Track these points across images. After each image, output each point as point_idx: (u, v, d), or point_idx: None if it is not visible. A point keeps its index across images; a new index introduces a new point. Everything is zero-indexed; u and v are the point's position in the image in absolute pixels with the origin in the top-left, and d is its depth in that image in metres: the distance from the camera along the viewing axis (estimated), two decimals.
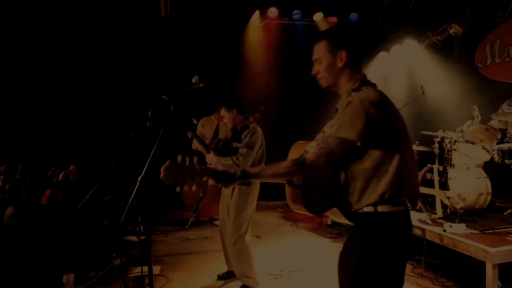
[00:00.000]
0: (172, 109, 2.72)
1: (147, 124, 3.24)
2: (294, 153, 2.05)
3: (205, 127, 5.84)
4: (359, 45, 1.86)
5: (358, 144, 1.64)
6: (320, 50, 1.83)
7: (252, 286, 3.55)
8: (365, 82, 1.79)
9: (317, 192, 1.87)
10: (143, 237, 2.72)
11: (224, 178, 1.63)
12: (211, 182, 1.61)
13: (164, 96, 2.75)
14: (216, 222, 5.96)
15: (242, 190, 3.53)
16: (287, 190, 2.00)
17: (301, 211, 2.02)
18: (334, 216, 2.04)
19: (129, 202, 2.65)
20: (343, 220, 1.89)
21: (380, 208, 1.68)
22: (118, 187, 4.30)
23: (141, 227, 4.39)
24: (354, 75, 1.81)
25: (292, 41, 7.36)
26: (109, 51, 6.50)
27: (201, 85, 2.79)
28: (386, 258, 1.71)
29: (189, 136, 3.78)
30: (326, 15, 7.09)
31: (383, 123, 1.65)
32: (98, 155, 5.89)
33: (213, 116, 5.93)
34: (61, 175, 4.11)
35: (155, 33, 6.71)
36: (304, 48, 7.34)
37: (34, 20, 5.95)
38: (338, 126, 1.66)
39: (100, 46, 6.42)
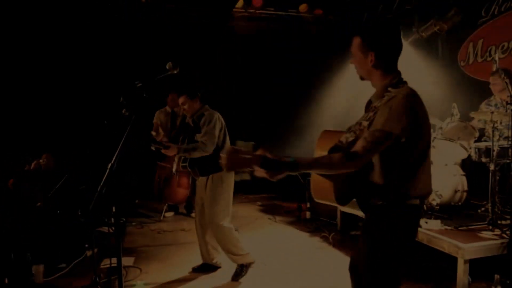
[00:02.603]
0: (145, 95, 2.65)
1: (123, 111, 3.16)
2: (322, 143, 2.00)
3: (158, 119, 5.73)
4: (391, 46, 1.88)
5: (403, 139, 1.71)
6: (354, 45, 1.91)
7: (246, 262, 3.68)
8: (401, 80, 1.86)
9: (345, 184, 1.90)
10: (114, 228, 2.65)
11: (274, 165, 1.59)
12: (258, 171, 1.61)
13: (136, 82, 2.68)
14: (193, 215, 5.91)
15: (215, 179, 3.57)
16: (314, 181, 1.99)
17: (325, 201, 2.01)
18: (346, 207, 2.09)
19: (98, 190, 2.58)
20: (356, 211, 1.95)
21: (408, 201, 1.82)
22: (93, 176, 4.20)
23: (114, 218, 4.29)
24: (387, 73, 1.87)
25: (277, 31, 7.29)
26: (83, 37, 6.24)
27: (175, 71, 2.73)
28: (397, 247, 1.90)
29: (153, 149, 3.70)
30: (311, 7, 7.04)
31: (421, 121, 1.76)
32: (74, 144, 5.73)
33: (166, 107, 5.80)
34: (32, 164, 3.97)
35: (133, 19, 6.51)
36: (288, 39, 7.34)
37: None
38: (384, 120, 1.71)
39: (74, 32, 6.17)
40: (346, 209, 2.13)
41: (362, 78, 1.96)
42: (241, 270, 3.67)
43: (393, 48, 1.89)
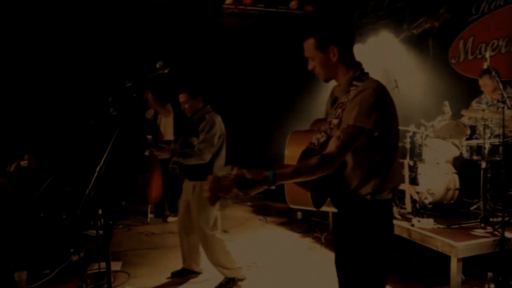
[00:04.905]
0: (134, 95, 2.55)
1: (110, 111, 3.05)
2: (293, 144, 1.91)
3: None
4: (349, 36, 1.84)
5: (375, 134, 1.67)
6: (309, 48, 1.82)
7: (235, 276, 3.52)
8: (363, 72, 1.82)
9: (319, 186, 1.79)
10: (102, 231, 2.56)
11: (249, 184, 1.54)
12: (235, 191, 1.54)
13: (126, 82, 2.58)
14: (169, 219, 5.80)
15: (204, 186, 3.40)
16: (288, 187, 1.85)
17: (301, 206, 1.91)
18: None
19: (86, 193, 2.48)
20: (330, 209, 1.89)
21: (378, 196, 1.76)
22: (78, 177, 4.08)
23: (101, 220, 4.18)
24: (351, 65, 1.82)
25: (266, 28, 7.23)
26: (65, 30, 5.99)
27: (166, 70, 2.64)
28: (381, 243, 1.79)
29: (148, 154, 3.55)
30: (302, 4, 6.99)
31: (391, 115, 1.73)
32: (58, 145, 5.56)
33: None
34: (13, 166, 3.82)
35: (119, 11, 6.33)
36: (279, 36, 7.28)
37: None
38: (355, 115, 1.65)
39: (55, 24, 5.90)
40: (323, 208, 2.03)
41: (326, 80, 1.88)
42: (227, 283, 3.49)
43: (351, 39, 1.85)
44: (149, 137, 4.17)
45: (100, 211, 4.08)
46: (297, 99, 7.18)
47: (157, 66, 2.71)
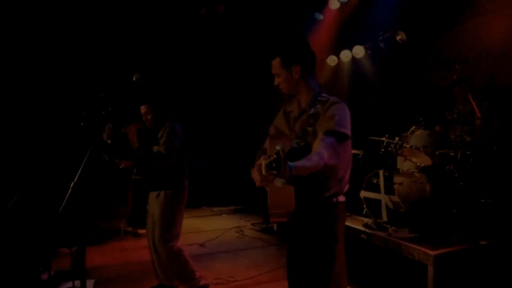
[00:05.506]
0: (110, 109, 2.49)
1: (82, 124, 2.95)
2: (275, 144, 1.92)
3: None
4: (311, 57, 2.09)
5: (349, 138, 1.92)
6: (276, 66, 2.07)
7: (199, 286, 3.47)
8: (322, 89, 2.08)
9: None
10: (75, 248, 2.45)
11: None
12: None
13: (100, 94, 2.52)
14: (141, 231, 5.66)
15: (166, 195, 3.41)
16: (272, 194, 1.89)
17: (282, 211, 1.90)
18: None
19: (60, 209, 2.38)
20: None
21: (340, 198, 2.01)
22: (49, 192, 3.91)
23: (74, 237, 4.00)
24: (312, 82, 2.08)
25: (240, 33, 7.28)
26: (36, 34, 5.79)
27: (142, 83, 2.61)
28: (340, 236, 1.99)
29: (106, 158, 3.48)
30: None
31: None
32: (24, 158, 5.34)
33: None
34: None
35: (92, 19, 6.19)
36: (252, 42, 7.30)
37: None
38: (336, 123, 1.87)
39: (26, 26, 5.72)
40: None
41: (289, 96, 2.11)
42: None
43: (313, 60, 2.10)
44: (108, 141, 4.02)
45: (73, 228, 3.91)
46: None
47: (133, 78, 2.68)
